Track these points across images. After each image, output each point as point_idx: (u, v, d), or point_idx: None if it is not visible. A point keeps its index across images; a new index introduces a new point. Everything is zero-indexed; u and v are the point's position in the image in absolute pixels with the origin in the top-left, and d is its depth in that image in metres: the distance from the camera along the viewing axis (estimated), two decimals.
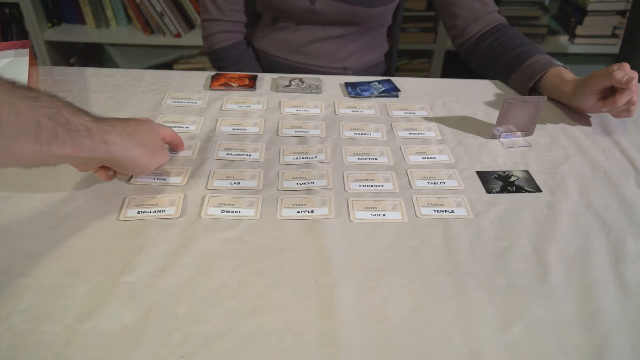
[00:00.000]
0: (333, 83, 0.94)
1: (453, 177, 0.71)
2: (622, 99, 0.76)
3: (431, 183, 0.69)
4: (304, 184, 0.68)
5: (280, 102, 0.87)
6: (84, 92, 0.89)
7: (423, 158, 0.75)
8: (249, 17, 1.09)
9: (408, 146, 0.77)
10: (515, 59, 0.92)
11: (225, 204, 0.64)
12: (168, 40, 2.06)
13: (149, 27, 2.05)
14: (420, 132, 0.81)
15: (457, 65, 2.13)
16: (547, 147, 0.78)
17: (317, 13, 1.00)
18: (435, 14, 2.02)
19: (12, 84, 0.47)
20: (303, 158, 0.74)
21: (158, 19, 2.02)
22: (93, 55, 2.27)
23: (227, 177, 0.69)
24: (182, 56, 2.24)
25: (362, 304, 0.52)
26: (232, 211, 0.63)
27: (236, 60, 1.07)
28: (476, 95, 0.91)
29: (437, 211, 0.64)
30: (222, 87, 0.91)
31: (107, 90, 0.89)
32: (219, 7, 1.04)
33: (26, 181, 0.67)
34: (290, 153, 0.75)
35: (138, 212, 0.63)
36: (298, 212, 0.64)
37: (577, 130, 0.82)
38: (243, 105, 0.86)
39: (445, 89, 0.93)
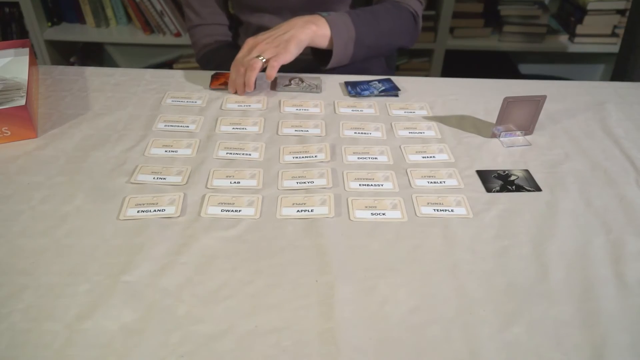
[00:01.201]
0: (333, 82, 0.94)
1: (453, 176, 0.71)
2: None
3: (431, 182, 0.69)
4: (304, 183, 0.68)
5: (280, 101, 0.87)
6: (83, 91, 0.89)
7: (423, 157, 0.75)
8: (232, 22, 1.09)
9: (408, 145, 0.77)
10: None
11: (225, 203, 0.64)
12: (168, 39, 2.06)
13: (148, 27, 2.05)
14: (420, 131, 0.81)
15: (457, 65, 2.14)
16: (547, 146, 0.78)
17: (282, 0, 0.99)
18: (435, 13, 2.03)
19: None
20: (303, 157, 0.74)
21: (158, 18, 2.02)
22: (93, 55, 2.27)
23: (227, 177, 0.69)
24: (182, 55, 2.24)
25: (362, 303, 0.52)
26: (232, 210, 0.63)
27: (224, 62, 1.06)
28: (476, 95, 0.91)
29: (437, 210, 0.64)
30: (222, 87, 0.91)
31: (107, 90, 0.89)
32: (197, 13, 1.05)
33: (26, 180, 0.67)
34: (290, 152, 0.75)
35: (138, 212, 0.63)
36: (298, 211, 0.64)
37: (577, 129, 0.82)
38: (243, 105, 0.86)
39: (445, 88, 0.93)
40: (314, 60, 0.97)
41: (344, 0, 1.02)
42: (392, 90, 0.91)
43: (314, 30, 0.87)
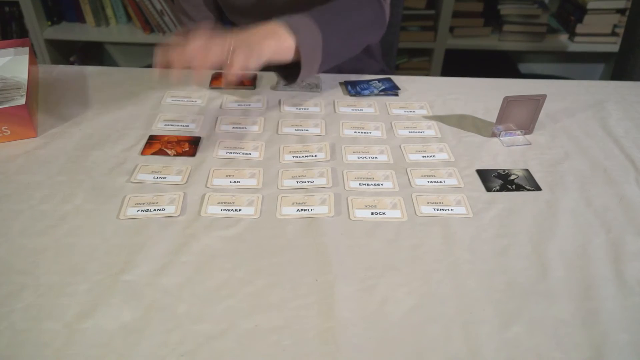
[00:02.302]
0: (333, 82, 0.94)
1: (453, 175, 0.71)
2: None
3: (431, 181, 0.69)
4: (304, 182, 0.68)
5: (279, 101, 0.87)
6: (83, 90, 0.89)
7: (423, 156, 0.75)
8: (228, 25, 1.09)
9: (408, 145, 0.77)
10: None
11: (225, 203, 0.64)
12: (168, 38, 2.05)
13: (148, 26, 2.05)
14: (420, 130, 0.81)
15: (457, 64, 2.14)
16: (547, 145, 0.78)
17: (265, 2, 0.96)
18: (435, 12, 2.02)
19: None
20: (303, 157, 0.74)
21: (158, 17, 2.02)
22: (93, 54, 2.27)
23: (226, 176, 0.69)
24: None
25: (362, 302, 0.52)
26: (232, 209, 0.63)
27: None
28: (476, 94, 0.91)
29: (437, 210, 0.64)
30: (222, 86, 0.90)
31: (107, 89, 0.89)
32: (191, 17, 1.05)
33: (26, 180, 0.67)
34: (290, 151, 0.75)
35: (138, 211, 0.63)
36: (298, 210, 0.64)
37: (577, 129, 0.82)
38: (243, 104, 0.86)
39: (445, 88, 0.93)
40: (278, 76, 0.87)
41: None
42: (392, 90, 0.91)
43: (275, 46, 0.72)
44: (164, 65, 0.67)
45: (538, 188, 0.69)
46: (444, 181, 0.70)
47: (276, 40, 0.73)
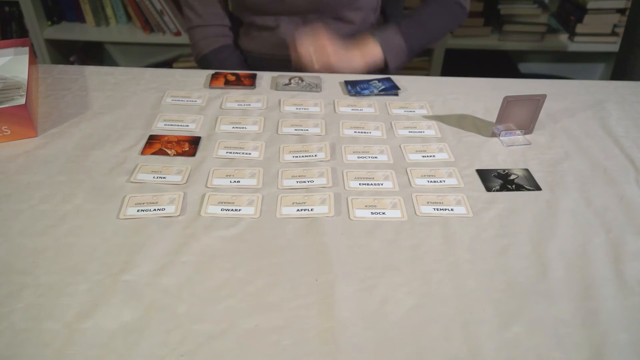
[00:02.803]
0: (333, 81, 0.94)
1: (453, 175, 0.71)
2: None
3: (431, 181, 0.69)
4: (304, 182, 0.68)
5: (280, 101, 0.87)
6: (83, 90, 0.89)
7: (423, 156, 0.75)
8: (233, 22, 1.09)
9: (408, 144, 0.77)
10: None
11: (225, 203, 0.64)
12: (168, 38, 2.05)
13: (148, 26, 2.05)
14: (420, 130, 0.81)
15: (457, 64, 2.14)
16: (547, 145, 0.78)
17: (286, 3, 0.99)
18: None
19: None
20: (303, 156, 0.74)
21: (158, 17, 2.02)
22: (93, 54, 2.27)
23: (226, 176, 0.69)
24: (182, 54, 2.24)
25: (362, 302, 0.52)
26: (232, 209, 0.63)
27: (224, 64, 1.06)
28: (476, 94, 0.91)
29: (437, 209, 0.64)
30: (222, 86, 0.91)
31: (107, 89, 0.89)
32: (198, 13, 1.04)
33: (26, 179, 0.67)
34: (290, 151, 0.75)
35: (138, 211, 0.63)
36: (298, 210, 0.64)
37: (577, 129, 0.82)
38: (243, 104, 0.86)
39: (445, 88, 0.93)
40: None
41: (352, 3, 1.02)
42: (392, 89, 0.91)
43: (368, 65, 0.99)
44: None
45: (538, 188, 0.69)
46: (444, 181, 0.70)
47: (372, 62, 0.99)
